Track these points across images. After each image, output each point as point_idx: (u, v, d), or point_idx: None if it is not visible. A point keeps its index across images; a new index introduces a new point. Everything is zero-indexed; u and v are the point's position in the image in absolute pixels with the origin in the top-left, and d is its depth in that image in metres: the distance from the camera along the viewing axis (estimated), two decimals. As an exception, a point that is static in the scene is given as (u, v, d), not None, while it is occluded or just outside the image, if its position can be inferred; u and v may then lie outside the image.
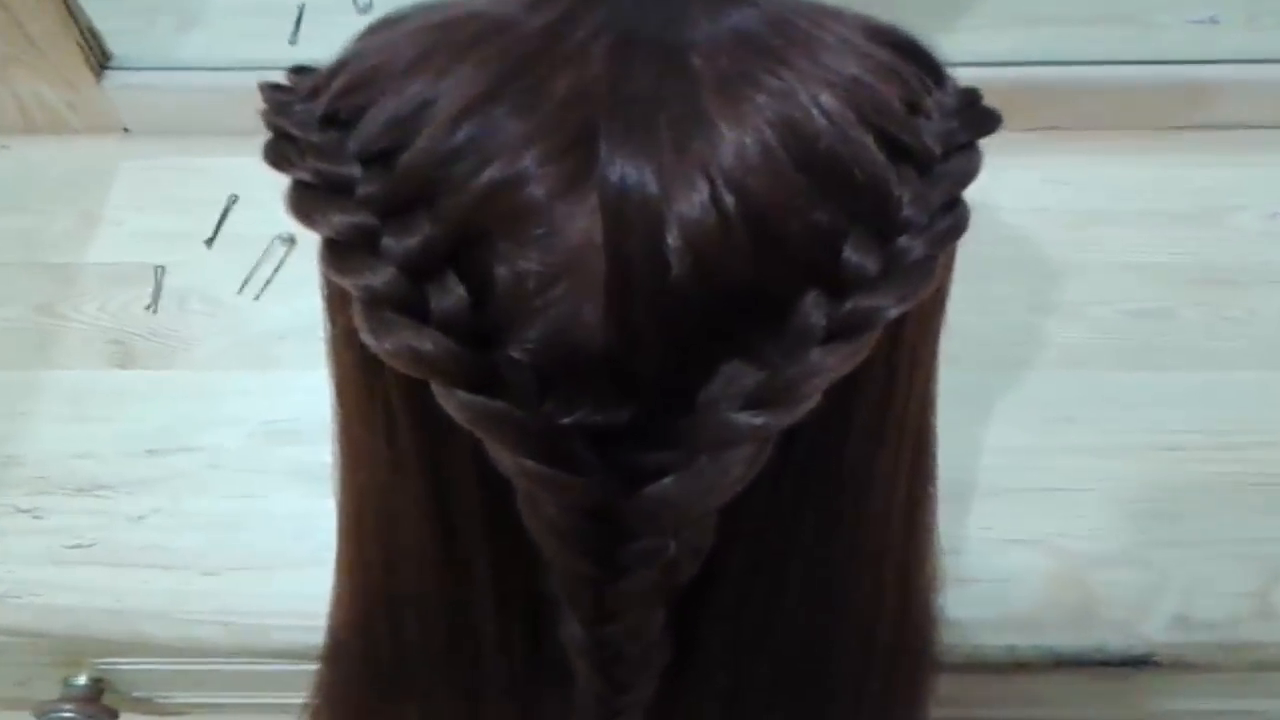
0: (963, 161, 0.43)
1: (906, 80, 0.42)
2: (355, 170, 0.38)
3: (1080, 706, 0.83)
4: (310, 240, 0.40)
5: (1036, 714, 0.85)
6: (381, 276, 0.37)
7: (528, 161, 0.37)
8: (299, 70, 0.46)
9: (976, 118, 0.45)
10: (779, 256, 0.38)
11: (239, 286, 0.92)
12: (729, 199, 0.37)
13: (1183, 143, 1.01)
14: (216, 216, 0.97)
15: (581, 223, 0.36)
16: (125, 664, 0.80)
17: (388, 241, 0.37)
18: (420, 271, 0.37)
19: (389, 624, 0.56)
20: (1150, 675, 0.73)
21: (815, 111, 0.39)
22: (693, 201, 0.36)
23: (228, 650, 0.73)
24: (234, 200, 0.98)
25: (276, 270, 0.92)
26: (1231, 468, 0.79)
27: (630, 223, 0.36)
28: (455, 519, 0.47)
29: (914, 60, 0.43)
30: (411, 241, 0.37)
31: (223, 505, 0.78)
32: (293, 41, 1.10)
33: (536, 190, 0.36)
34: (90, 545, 0.76)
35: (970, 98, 0.45)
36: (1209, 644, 0.72)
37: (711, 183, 0.37)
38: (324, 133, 0.40)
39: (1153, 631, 0.72)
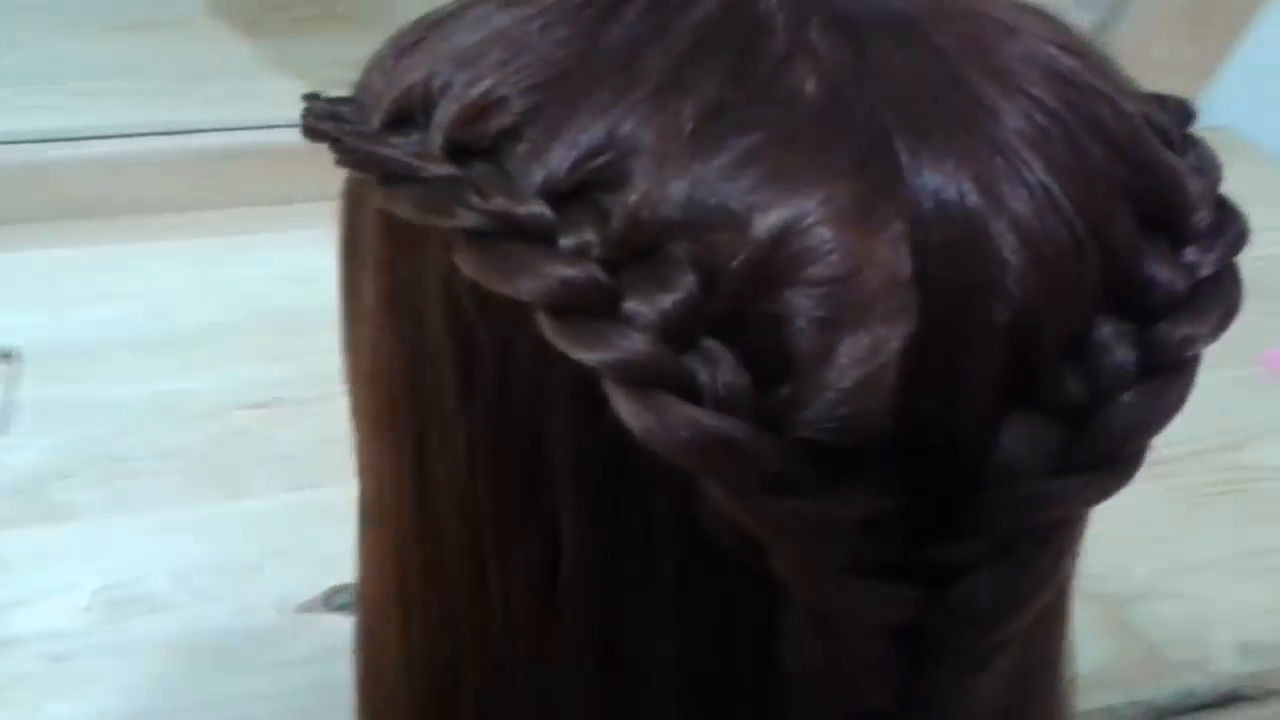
0: (1206, 154, 0.37)
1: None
2: (543, 210, 0.30)
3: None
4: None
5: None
6: (638, 345, 0.29)
7: (806, 196, 0.29)
8: (334, 100, 0.38)
9: (1178, 109, 0.38)
10: (1094, 269, 0.31)
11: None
12: (1059, 192, 0.31)
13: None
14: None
15: (884, 256, 0.29)
16: None
17: (632, 304, 0.29)
18: (681, 339, 0.29)
19: None
20: (1246, 708, 0.67)
21: (1084, 79, 0.34)
22: (1025, 203, 0.30)
23: None
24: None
25: (6, 394, 0.74)
26: (1202, 478, 0.77)
27: (956, 247, 0.29)
28: (637, 677, 0.39)
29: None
30: (667, 302, 0.29)
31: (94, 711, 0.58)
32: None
33: (826, 226, 0.29)
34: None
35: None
36: None
37: (1034, 177, 0.31)
38: (467, 167, 0.31)
39: (1231, 666, 0.66)
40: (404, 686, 0.46)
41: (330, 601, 0.61)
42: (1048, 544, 0.31)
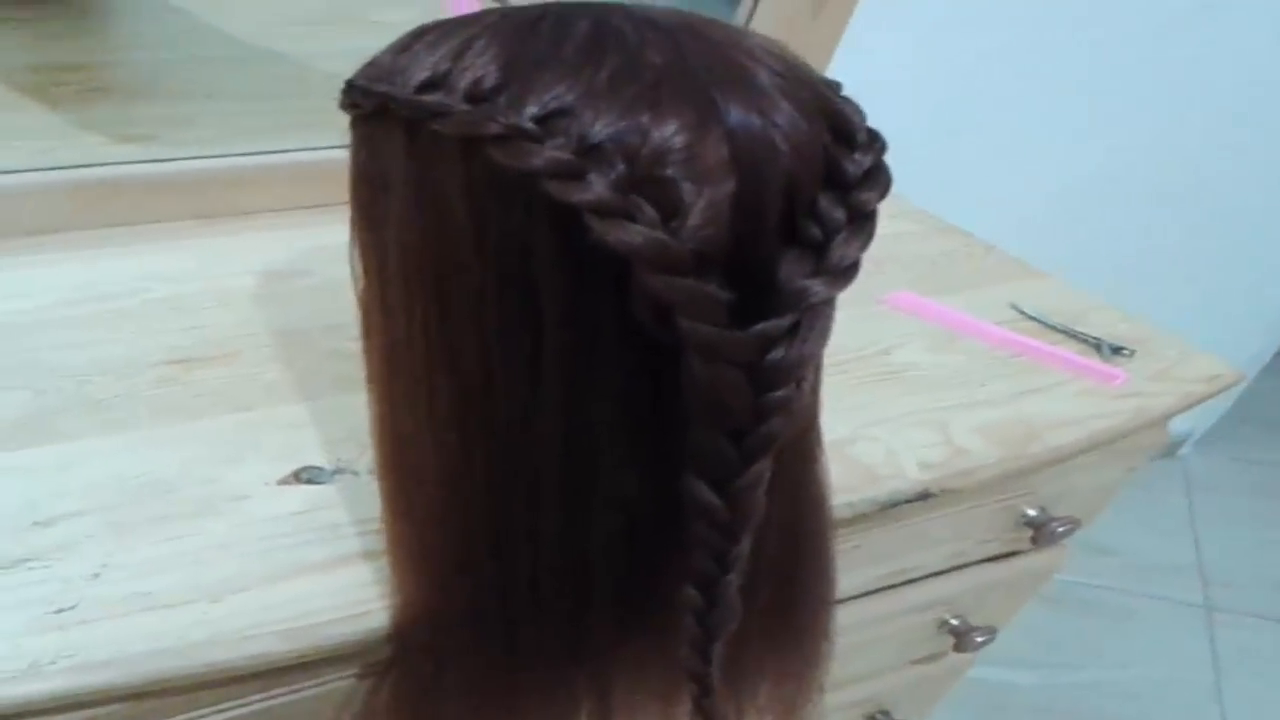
0: (855, 103, 0.57)
1: None
2: (535, 127, 0.49)
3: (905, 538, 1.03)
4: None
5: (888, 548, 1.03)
6: (605, 192, 0.47)
7: (671, 119, 0.48)
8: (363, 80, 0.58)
9: (833, 81, 0.59)
10: (814, 159, 0.51)
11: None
12: (798, 116, 0.51)
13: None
14: None
15: (714, 148, 0.48)
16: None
17: (592, 175, 0.48)
18: (620, 193, 0.48)
19: (496, 571, 0.62)
20: (936, 501, 0.93)
21: (791, 57, 0.54)
22: (785, 120, 0.50)
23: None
24: None
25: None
26: (869, 371, 1.03)
27: (755, 142, 0.49)
28: (593, 434, 0.56)
29: None
30: (611, 174, 0.48)
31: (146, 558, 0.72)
32: None
33: (683, 134, 0.48)
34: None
35: None
36: (951, 475, 0.93)
37: (785, 107, 0.50)
38: (477, 105, 0.50)
39: (917, 476, 0.91)
40: (430, 459, 0.61)
41: (300, 477, 0.77)
42: (815, 319, 0.50)
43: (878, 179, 0.53)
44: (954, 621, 1.23)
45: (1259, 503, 2.81)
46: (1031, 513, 1.11)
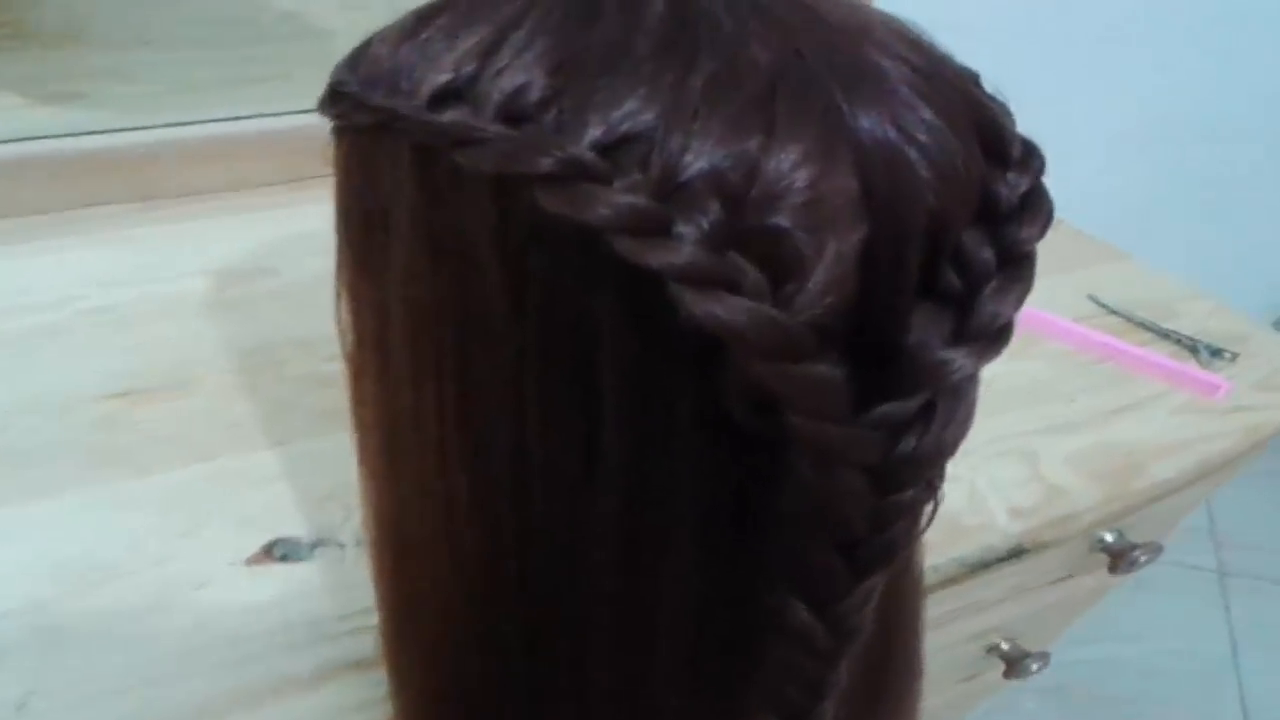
0: (1005, 103, 0.45)
1: None
2: (599, 159, 0.36)
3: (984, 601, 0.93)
4: None
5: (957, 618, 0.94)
6: (695, 254, 0.35)
7: (789, 145, 0.37)
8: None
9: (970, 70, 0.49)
10: (965, 188, 0.40)
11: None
12: (943, 128, 0.39)
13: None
14: None
15: (843, 183, 0.36)
16: None
17: (679, 227, 0.36)
18: (716, 250, 0.36)
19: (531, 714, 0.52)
20: (1032, 558, 0.80)
21: (927, 46, 0.42)
22: (926, 136, 0.38)
23: None
24: None
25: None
26: None
27: (894, 171, 0.37)
28: (655, 541, 0.45)
29: None
30: (705, 224, 0.36)
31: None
32: None
33: (805, 166, 0.36)
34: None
35: None
36: (1046, 524, 0.80)
37: (927, 117, 0.38)
38: (517, 127, 0.38)
39: (1008, 526, 0.78)
40: (445, 572, 0.50)
41: (273, 553, 0.64)
42: (957, 401, 0.39)
43: (1039, 208, 0.40)
44: (1004, 646, 1.13)
45: (1273, 463, 2.75)
46: (1108, 539, 0.98)
